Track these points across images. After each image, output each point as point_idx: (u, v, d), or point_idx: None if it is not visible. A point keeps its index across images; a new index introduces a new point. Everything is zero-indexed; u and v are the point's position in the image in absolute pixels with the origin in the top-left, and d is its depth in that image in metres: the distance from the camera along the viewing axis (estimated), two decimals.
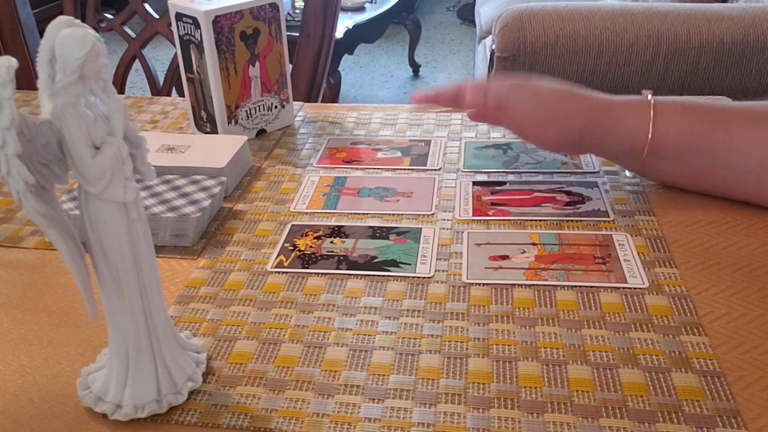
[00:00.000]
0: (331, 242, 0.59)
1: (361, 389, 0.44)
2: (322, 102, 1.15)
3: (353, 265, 0.56)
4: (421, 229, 0.60)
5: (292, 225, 0.62)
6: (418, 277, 0.54)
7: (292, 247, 0.59)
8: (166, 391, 0.43)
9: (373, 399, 0.43)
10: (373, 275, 0.55)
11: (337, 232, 0.61)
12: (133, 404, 0.42)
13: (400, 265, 0.56)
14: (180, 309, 0.52)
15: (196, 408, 0.43)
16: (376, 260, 0.56)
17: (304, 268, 0.56)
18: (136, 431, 0.42)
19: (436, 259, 0.56)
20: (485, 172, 0.70)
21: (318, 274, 0.55)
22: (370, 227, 0.61)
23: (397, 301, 0.52)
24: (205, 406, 0.43)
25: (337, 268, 0.55)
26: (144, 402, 0.42)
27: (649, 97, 0.60)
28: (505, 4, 2.14)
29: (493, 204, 0.64)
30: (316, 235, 0.60)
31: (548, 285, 0.53)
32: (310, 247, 0.58)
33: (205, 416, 0.43)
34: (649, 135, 0.58)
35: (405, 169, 0.71)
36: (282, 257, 0.57)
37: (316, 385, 0.45)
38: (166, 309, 0.43)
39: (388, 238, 0.59)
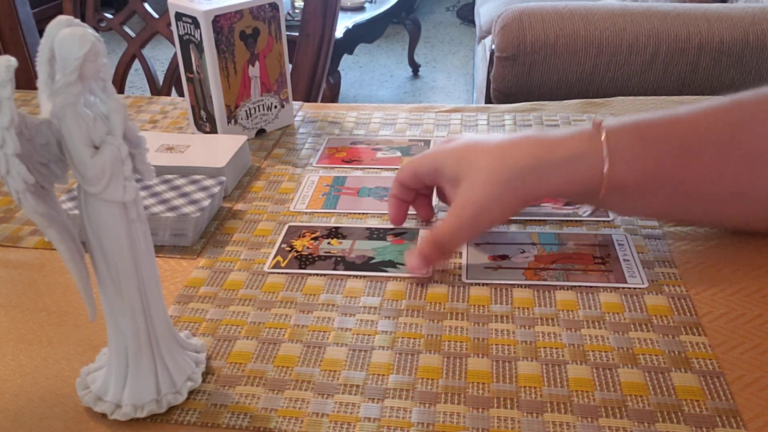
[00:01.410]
0: (329, 243, 0.59)
1: (360, 389, 0.44)
2: (321, 102, 1.15)
3: (350, 266, 0.56)
4: (418, 230, 0.60)
5: (289, 226, 0.62)
6: (414, 277, 0.54)
7: (289, 248, 0.59)
8: (166, 391, 0.43)
9: (373, 399, 0.43)
10: (372, 276, 0.55)
11: (335, 233, 0.61)
12: (133, 404, 0.42)
13: (397, 266, 0.56)
14: (179, 309, 0.52)
15: (196, 408, 0.43)
16: (373, 261, 0.56)
17: (301, 268, 0.56)
18: (136, 431, 0.42)
19: None
20: None
21: (316, 274, 0.55)
22: (368, 228, 0.61)
23: (397, 300, 0.52)
24: (205, 406, 0.43)
25: (335, 269, 0.56)
26: (143, 402, 0.42)
27: (603, 134, 0.51)
28: (505, 3, 2.14)
29: None
30: (313, 236, 0.60)
31: (548, 285, 0.53)
32: (308, 248, 0.58)
33: (205, 416, 0.43)
34: (605, 178, 0.50)
35: None
36: (279, 258, 0.57)
37: (316, 385, 0.45)
38: (165, 309, 0.43)
39: (385, 239, 0.59)
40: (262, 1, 0.74)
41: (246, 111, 0.78)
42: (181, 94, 1.11)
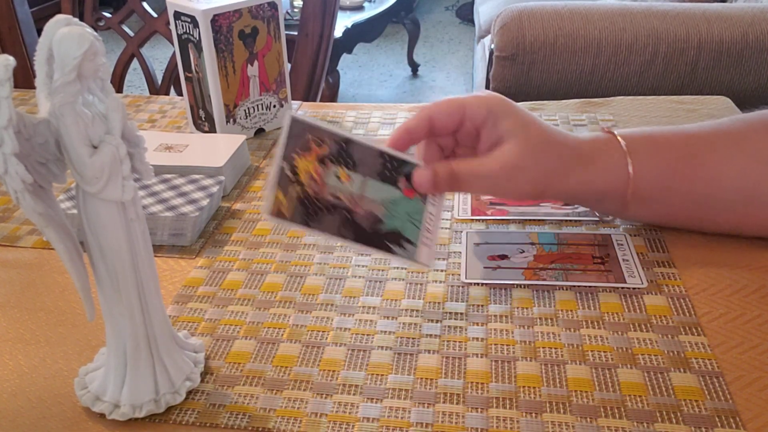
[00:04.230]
0: (337, 176, 0.50)
1: (359, 389, 0.44)
2: (320, 101, 1.15)
3: (357, 230, 0.49)
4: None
5: (293, 120, 0.49)
6: (417, 270, 0.54)
7: (292, 174, 0.48)
8: (164, 391, 0.43)
9: (372, 399, 0.43)
10: (372, 276, 0.55)
11: (345, 154, 0.50)
12: (131, 404, 0.42)
13: (403, 243, 0.50)
14: (178, 308, 0.52)
15: (194, 408, 0.43)
16: (380, 226, 0.50)
17: (304, 222, 0.47)
18: (134, 431, 0.42)
19: (437, 240, 0.52)
20: None
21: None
22: (381, 158, 0.51)
23: (396, 300, 0.52)
24: (203, 406, 0.43)
25: (339, 232, 0.48)
26: (142, 401, 0.42)
27: (619, 138, 0.53)
28: (504, 3, 2.14)
29: (491, 203, 0.64)
30: (320, 153, 0.49)
31: (547, 285, 0.53)
32: (313, 178, 0.49)
33: (203, 416, 0.43)
34: (631, 178, 0.52)
35: None
36: (280, 195, 0.47)
37: (315, 385, 0.44)
38: (164, 308, 0.43)
39: (396, 185, 0.51)
40: (260, 1, 0.74)
41: (245, 110, 0.78)
42: (179, 93, 1.11)
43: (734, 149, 0.53)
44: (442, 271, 0.55)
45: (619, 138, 0.53)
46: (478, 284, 0.53)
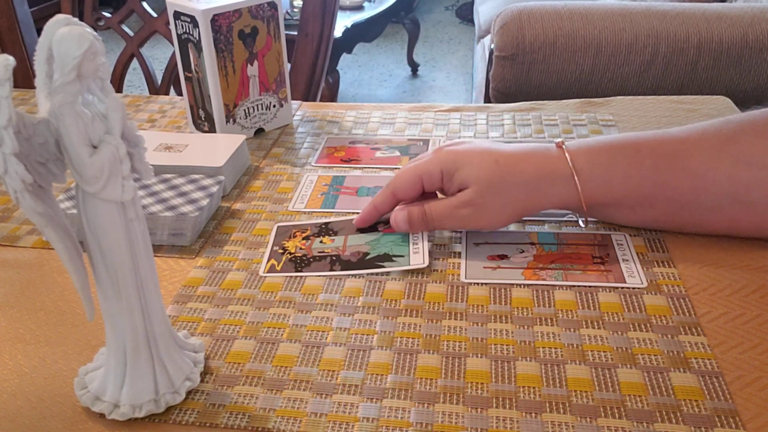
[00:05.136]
0: (321, 242, 0.59)
1: (359, 389, 0.44)
2: (320, 101, 1.15)
3: (346, 264, 0.56)
4: None
5: (278, 227, 0.61)
6: (415, 270, 0.54)
7: (281, 251, 0.58)
8: (164, 391, 0.43)
9: (371, 398, 0.43)
10: (370, 274, 0.55)
11: (325, 230, 0.60)
12: (131, 404, 0.42)
13: (393, 258, 0.55)
14: (178, 308, 0.52)
15: (194, 407, 0.43)
16: (368, 257, 0.56)
17: (297, 270, 0.56)
18: (134, 431, 0.42)
19: (428, 248, 0.56)
20: None
21: (313, 276, 0.55)
22: None
23: (396, 300, 0.52)
24: (203, 406, 0.43)
25: (331, 269, 0.55)
26: (141, 401, 0.42)
27: (566, 155, 0.54)
28: (504, 3, 2.14)
29: None
30: (304, 235, 0.60)
31: (547, 285, 0.53)
32: (300, 248, 0.58)
33: (203, 416, 0.43)
34: (580, 193, 0.54)
35: None
36: (273, 261, 0.57)
37: (314, 385, 0.44)
38: (163, 308, 0.43)
39: (376, 230, 0.59)
40: (260, 0, 0.74)
41: (244, 110, 0.78)
42: (179, 93, 1.11)
43: (722, 151, 0.53)
44: (442, 271, 0.55)
45: (566, 155, 0.55)
46: (478, 284, 0.53)
